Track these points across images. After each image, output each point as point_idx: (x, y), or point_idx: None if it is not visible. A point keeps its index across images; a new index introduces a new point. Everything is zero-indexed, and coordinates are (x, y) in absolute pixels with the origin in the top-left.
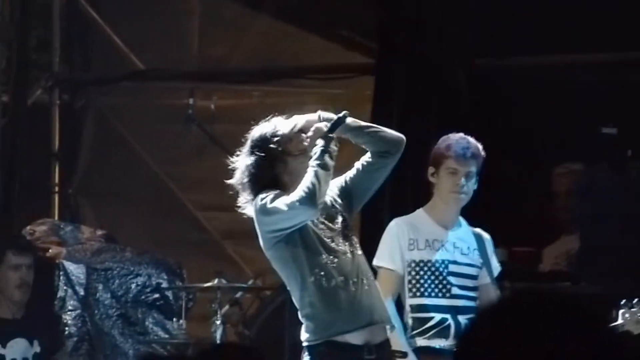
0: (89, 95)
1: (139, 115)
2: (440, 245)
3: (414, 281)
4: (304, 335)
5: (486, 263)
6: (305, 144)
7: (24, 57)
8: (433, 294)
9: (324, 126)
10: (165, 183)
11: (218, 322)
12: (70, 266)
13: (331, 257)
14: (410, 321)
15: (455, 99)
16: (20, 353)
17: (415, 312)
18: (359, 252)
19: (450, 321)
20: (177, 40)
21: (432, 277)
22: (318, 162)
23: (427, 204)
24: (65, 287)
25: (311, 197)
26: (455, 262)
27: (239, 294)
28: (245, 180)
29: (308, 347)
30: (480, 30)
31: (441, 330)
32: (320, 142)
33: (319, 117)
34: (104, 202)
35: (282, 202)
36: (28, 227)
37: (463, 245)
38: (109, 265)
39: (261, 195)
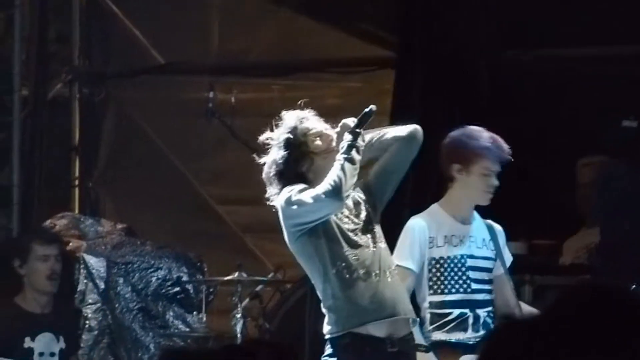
0: (109, 89)
1: (159, 109)
2: (458, 241)
3: (434, 278)
4: (326, 328)
5: (499, 254)
6: (333, 143)
7: (43, 51)
8: (454, 290)
9: (351, 121)
10: (185, 176)
11: (238, 316)
12: (91, 260)
13: (354, 250)
14: (428, 316)
15: (478, 92)
16: (48, 347)
17: (434, 308)
18: (383, 245)
19: (469, 314)
20: (197, 33)
21: (452, 274)
22: (345, 155)
23: (443, 199)
24: (85, 281)
25: (337, 190)
26: (472, 256)
27: (259, 287)
28: (272, 174)
29: (331, 339)
30: (503, 23)
31: (460, 323)
32: (347, 137)
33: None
34: (124, 195)
35: (308, 195)
36: (48, 221)
37: (478, 239)
38: (129, 258)
39: (287, 189)
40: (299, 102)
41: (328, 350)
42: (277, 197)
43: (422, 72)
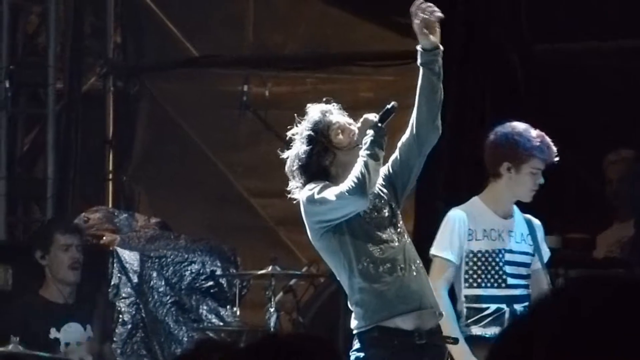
0: (143, 82)
1: (193, 102)
2: (497, 235)
3: (470, 272)
4: (354, 323)
5: (537, 249)
6: (355, 137)
7: (78, 44)
8: (489, 285)
9: (373, 116)
10: (219, 170)
11: (272, 310)
12: (124, 253)
13: (378, 245)
14: (464, 310)
15: (511, 85)
16: (74, 337)
17: (470, 303)
18: (407, 239)
19: (506, 309)
20: (231, 26)
21: (489, 268)
22: (368, 152)
23: (484, 193)
24: (119, 275)
25: (361, 188)
26: (510, 251)
27: (293, 281)
28: (295, 168)
29: (359, 333)
30: (536, 15)
31: (496, 318)
32: (369, 133)
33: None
34: (158, 189)
35: (331, 193)
36: (82, 214)
37: (517, 233)
38: (163, 252)
39: (309, 186)
40: (324, 99)
41: (356, 345)
42: (300, 191)
43: (456, 66)
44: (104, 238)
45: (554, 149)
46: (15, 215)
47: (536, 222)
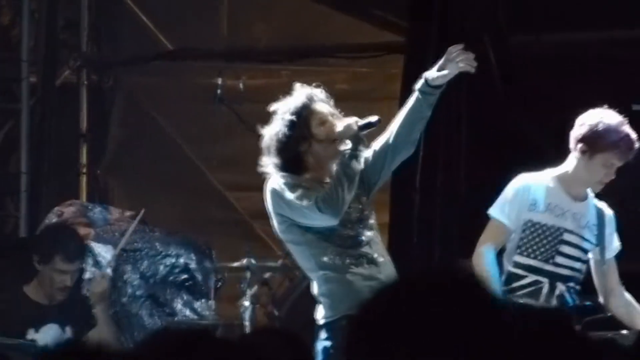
0: (118, 76)
1: (168, 95)
2: (560, 212)
3: (525, 240)
4: (320, 314)
5: (602, 241)
6: (335, 131)
7: (52, 37)
8: (540, 257)
9: (354, 122)
10: (194, 163)
11: (247, 303)
12: (98, 248)
13: (344, 240)
14: (507, 272)
15: (487, 77)
16: (52, 339)
17: (516, 268)
18: (375, 234)
19: (545, 283)
20: (206, 19)
21: (544, 242)
22: (345, 169)
23: (560, 170)
24: (93, 269)
25: (334, 208)
26: (570, 232)
27: (268, 274)
28: (272, 146)
29: (326, 324)
30: (514, 6)
31: (533, 291)
32: (348, 144)
33: (355, 122)
34: (132, 182)
35: (306, 203)
36: (56, 208)
37: (582, 219)
38: (137, 246)
39: (283, 178)
40: (314, 84)
41: (323, 335)
42: (271, 175)
43: (432, 57)
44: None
45: (635, 150)
46: None
47: (608, 213)
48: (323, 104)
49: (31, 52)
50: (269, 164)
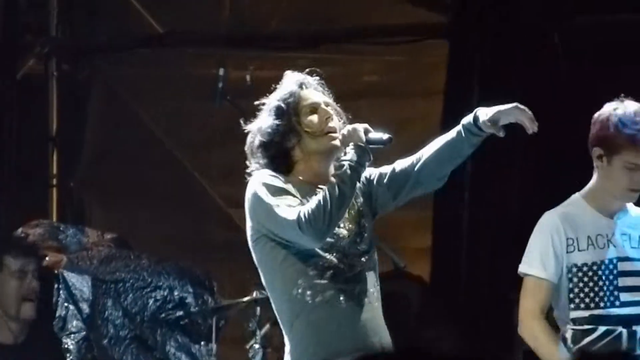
0: (95, 65)
1: (157, 90)
2: (605, 241)
3: (576, 290)
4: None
5: None
6: (330, 122)
7: (12, 18)
8: (602, 304)
9: (362, 128)
10: (189, 173)
11: (257, 346)
12: (73, 278)
13: (321, 269)
14: (570, 333)
15: (549, 64)
16: None
17: (579, 325)
18: (369, 265)
19: (622, 331)
20: None
21: (600, 283)
22: (340, 184)
23: (586, 188)
24: (66, 304)
25: (318, 230)
26: (626, 259)
27: None
28: (256, 143)
29: None
30: None
31: (609, 344)
32: (349, 153)
33: (365, 129)
34: (114, 197)
35: (286, 214)
36: (20, 230)
37: (633, 236)
38: (120, 276)
39: (268, 180)
40: (308, 69)
41: None
42: (252, 177)
43: (482, 41)
44: (47, 259)
45: None
46: None
47: None
48: (315, 90)
49: None
50: (257, 168)
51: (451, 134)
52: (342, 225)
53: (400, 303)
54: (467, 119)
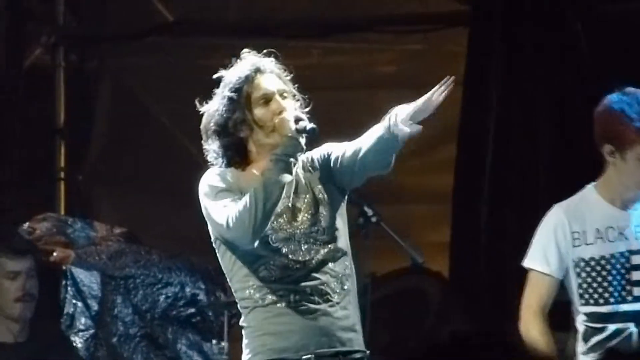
0: (104, 55)
1: (167, 81)
2: (617, 234)
3: (585, 285)
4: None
5: None
6: (283, 114)
7: (18, 6)
8: (612, 300)
9: (295, 121)
10: (201, 167)
11: None
12: (81, 274)
13: (271, 264)
14: (582, 329)
15: (571, 53)
16: None
17: (591, 322)
18: (333, 252)
19: (634, 330)
20: None
21: (609, 278)
22: (266, 180)
23: (600, 180)
24: (74, 301)
25: (242, 231)
26: (638, 252)
27: None
28: (210, 128)
29: None
30: None
31: (620, 344)
32: (281, 146)
33: (297, 118)
34: (123, 191)
35: (220, 221)
36: (26, 224)
37: None
38: (130, 272)
39: (216, 179)
40: (265, 50)
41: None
42: (212, 157)
43: (502, 30)
44: (55, 254)
45: None
46: None
47: None
48: (272, 78)
49: None
50: (208, 150)
51: (379, 129)
52: (292, 217)
53: (419, 299)
54: (390, 119)
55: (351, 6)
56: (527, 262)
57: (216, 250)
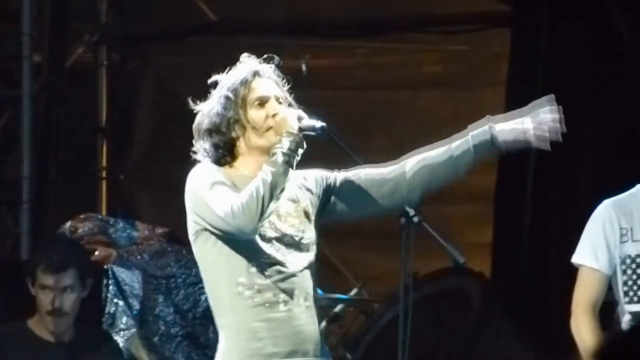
0: (146, 54)
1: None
2: None
3: (630, 282)
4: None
5: None
6: (277, 118)
7: (61, 4)
8: None
9: (297, 119)
10: None
11: None
12: (122, 273)
13: (263, 266)
14: (627, 328)
15: (616, 52)
16: None
17: (634, 320)
18: (310, 262)
19: None
20: None
21: None
22: (274, 174)
23: None
24: (115, 300)
25: (250, 218)
26: None
27: (338, 308)
28: (203, 126)
29: None
30: None
31: None
32: (285, 141)
33: (298, 117)
34: (165, 190)
35: (222, 209)
36: (68, 224)
37: None
38: (171, 271)
39: (208, 173)
40: (265, 55)
41: None
42: (202, 155)
43: (547, 30)
44: (96, 253)
45: None
46: None
47: None
48: (270, 83)
49: (35, 23)
50: (199, 149)
51: (458, 147)
52: (285, 219)
53: (461, 300)
54: (481, 135)
55: (396, 6)
56: (575, 258)
57: (197, 243)
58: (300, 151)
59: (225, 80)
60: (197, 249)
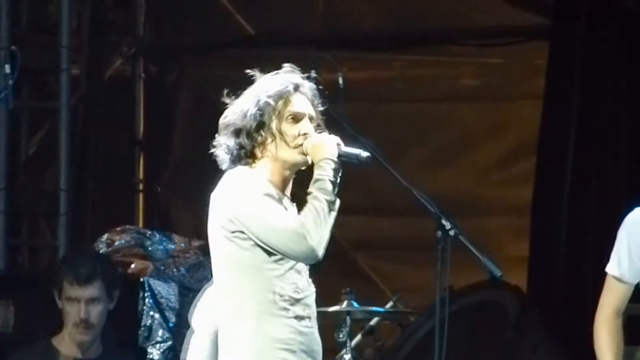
0: (183, 67)
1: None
2: None
3: None
4: None
5: None
6: (308, 138)
7: (99, 17)
8: None
9: (336, 143)
10: None
11: (347, 357)
12: (159, 286)
13: (293, 282)
14: None
15: None
16: None
17: None
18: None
19: None
20: None
21: None
22: (329, 201)
23: None
24: (152, 313)
25: (321, 240)
26: None
27: (374, 321)
28: (234, 124)
29: None
30: None
31: None
32: (326, 168)
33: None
34: (201, 203)
35: (290, 226)
36: (105, 236)
37: None
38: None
39: (256, 184)
40: (306, 75)
41: None
42: (224, 152)
43: (584, 43)
44: (133, 266)
45: None
46: (18, 237)
47: None
48: (305, 100)
49: (73, 36)
50: (221, 144)
51: None
52: None
53: (497, 312)
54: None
55: (433, 19)
56: (608, 267)
57: (230, 244)
58: (338, 177)
59: (265, 86)
60: (230, 250)
